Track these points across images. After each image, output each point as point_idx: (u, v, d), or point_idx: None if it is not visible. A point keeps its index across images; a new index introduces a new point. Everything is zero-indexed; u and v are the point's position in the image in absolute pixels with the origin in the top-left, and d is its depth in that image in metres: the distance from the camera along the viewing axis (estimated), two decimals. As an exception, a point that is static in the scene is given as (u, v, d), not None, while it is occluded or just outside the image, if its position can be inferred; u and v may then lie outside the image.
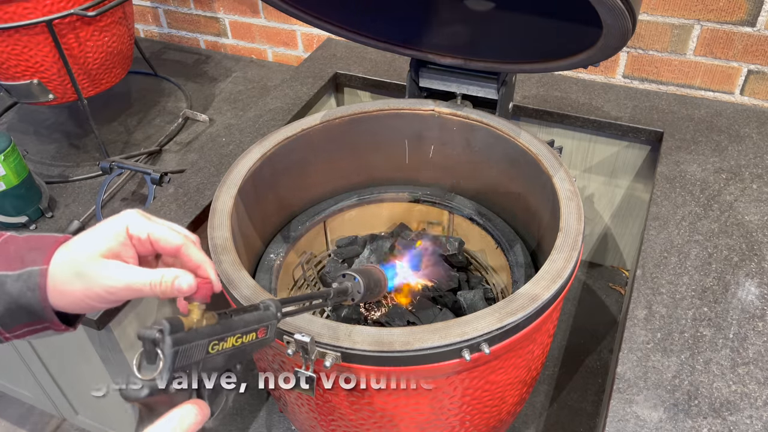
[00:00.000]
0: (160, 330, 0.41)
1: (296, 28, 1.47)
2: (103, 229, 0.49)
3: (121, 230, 0.48)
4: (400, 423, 0.75)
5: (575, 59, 0.80)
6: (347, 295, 0.63)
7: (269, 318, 0.50)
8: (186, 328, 0.43)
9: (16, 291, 0.47)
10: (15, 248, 0.49)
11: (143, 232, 0.49)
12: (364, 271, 0.65)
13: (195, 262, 0.50)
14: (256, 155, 0.91)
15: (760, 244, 0.87)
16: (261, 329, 0.49)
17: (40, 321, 0.49)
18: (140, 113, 1.36)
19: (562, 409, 1.08)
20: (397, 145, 1.04)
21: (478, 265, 1.09)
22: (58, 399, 1.31)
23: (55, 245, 0.48)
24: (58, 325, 0.50)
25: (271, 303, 0.51)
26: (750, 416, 0.68)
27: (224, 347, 0.46)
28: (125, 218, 0.49)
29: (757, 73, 1.12)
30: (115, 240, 0.48)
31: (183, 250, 0.50)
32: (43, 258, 0.47)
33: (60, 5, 1.03)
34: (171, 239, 0.49)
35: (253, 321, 0.48)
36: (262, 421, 1.05)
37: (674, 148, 1.06)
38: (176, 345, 0.41)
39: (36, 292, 0.47)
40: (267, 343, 0.50)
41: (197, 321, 0.44)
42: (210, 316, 0.45)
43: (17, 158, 1.00)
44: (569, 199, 0.80)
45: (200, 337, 0.43)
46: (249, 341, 0.48)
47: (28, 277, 0.47)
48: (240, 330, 0.47)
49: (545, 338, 0.81)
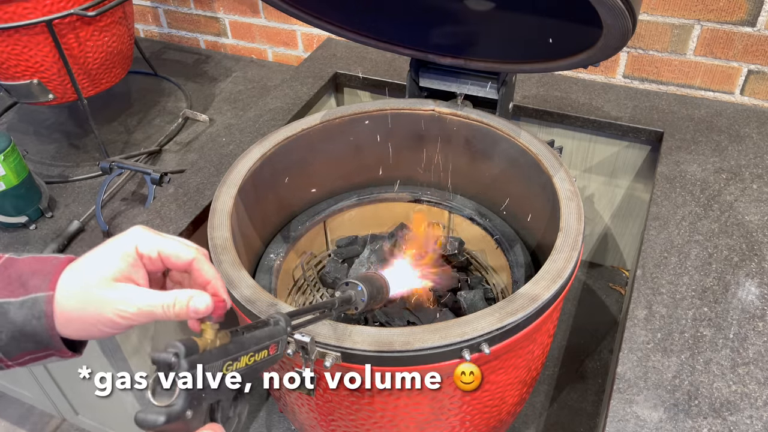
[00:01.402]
0: (176, 354, 0.40)
1: (296, 28, 1.47)
2: (111, 250, 0.46)
3: (130, 250, 0.46)
4: (400, 423, 0.75)
5: (575, 59, 0.80)
6: (351, 304, 0.64)
7: (279, 333, 0.49)
8: (200, 349, 0.41)
9: (21, 319, 0.44)
10: (16, 272, 0.46)
11: (153, 249, 0.47)
12: (366, 279, 0.65)
13: (206, 278, 0.48)
14: (256, 155, 0.91)
15: (760, 244, 0.87)
16: (272, 346, 0.48)
17: (46, 349, 0.46)
18: (140, 113, 1.36)
19: (562, 409, 1.08)
20: (397, 145, 1.04)
21: (478, 265, 1.09)
22: (58, 399, 1.31)
23: (59, 268, 0.46)
24: (64, 353, 0.47)
25: (280, 318, 0.50)
26: (750, 416, 0.68)
27: (238, 367, 0.44)
28: (134, 237, 0.47)
29: (757, 73, 1.12)
30: (124, 261, 0.46)
31: (195, 264, 0.48)
32: (48, 284, 0.45)
33: (60, 5, 1.03)
34: (182, 254, 0.48)
35: (264, 337, 0.47)
36: (262, 421, 1.05)
37: (674, 148, 1.06)
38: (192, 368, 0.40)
39: (42, 320, 0.44)
40: (277, 360, 0.49)
41: (211, 341, 0.43)
42: (223, 335, 0.44)
43: (17, 158, 1.00)
44: (569, 199, 0.80)
45: (215, 359, 0.42)
46: (261, 359, 0.47)
47: (33, 305, 0.44)
48: (252, 348, 0.46)
49: (545, 338, 0.81)
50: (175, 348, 0.40)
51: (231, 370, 0.44)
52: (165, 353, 0.40)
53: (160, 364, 0.40)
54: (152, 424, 0.39)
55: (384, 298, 0.68)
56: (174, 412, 0.39)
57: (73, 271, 0.46)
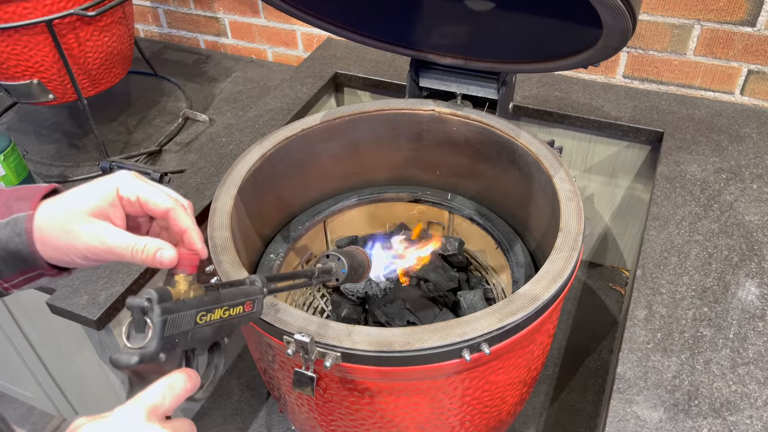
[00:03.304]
0: (149, 299, 0.42)
1: (296, 28, 1.47)
2: (93, 188, 0.49)
3: (111, 190, 0.49)
4: (400, 423, 0.75)
5: (575, 59, 0.80)
6: (331, 275, 0.64)
7: (255, 293, 0.51)
8: (174, 298, 0.44)
9: (5, 237, 0.48)
10: (3, 199, 0.49)
11: (133, 194, 0.49)
12: (347, 252, 0.66)
13: (182, 227, 0.50)
14: (256, 155, 0.91)
15: (760, 244, 0.87)
16: (248, 303, 0.50)
17: (33, 268, 0.50)
18: (140, 113, 1.36)
19: (562, 409, 1.08)
20: (398, 145, 1.04)
21: (478, 265, 1.09)
22: (58, 399, 1.31)
23: (40, 193, 0.49)
24: (49, 270, 0.50)
25: (257, 278, 0.52)
26: (750, 416, 0.68)
27: (212, 318, 0.47)
28: (117, 179, 0.50)
29: (757, 73, 1.12)
30: (103, 200, 0.49)
31: (171, 213, 0.50)
32: (29, 205, 0.48)
33: (60, 5, 1.03)
34: (160, 202, 0.50)
35: (240, 294, 0.50)
36: (262, 421, 1.06)
37: (674, 148, 1.06)
38: (165, 314, 0.42)
39: (23, 237, 0.47)
40: (254, 318, 0.52)
41: (185, 292, 0.45)
42: (197, 288, 0.46)
43: (17, 158, 1.00)
44: (569, 199, 0.80)
45: (188, 308, 0.44)
46: (236, 314, 0.49)
47: (15, 223, 0.48)
48: (227, 302, 0.48)
49: (545, 338, 0.81)
50: (149, 294, 0.42)
51: (204, 321, 0.46)
52: (139, 299, 0.42)
53: (134, 309, 0.42)
54: (125, 363, 0.41)
55: (365, 273, 0.69)
56: (147, 354, 0.41)
57: (54, 200, 0.49)
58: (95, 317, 0.83)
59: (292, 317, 0.67)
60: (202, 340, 0.47)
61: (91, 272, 0.89)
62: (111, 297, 0.85)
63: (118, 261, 0.48)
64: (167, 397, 0.42)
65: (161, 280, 0.91)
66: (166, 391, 0.42)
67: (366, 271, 0.69)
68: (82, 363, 1.09)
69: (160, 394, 0.42)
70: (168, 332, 0.42)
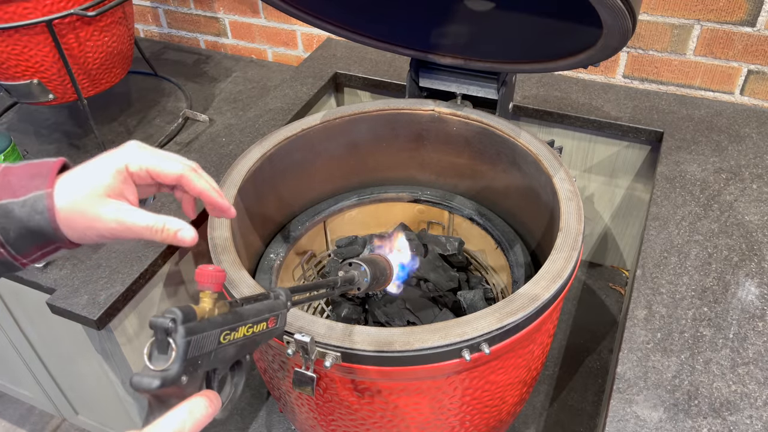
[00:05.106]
0: (173, 319, 0.40)
1: (296, 28, 1.47)
2: (104, 166, 0.49)
3: (121, 167, 0.49)
4: (400, 423, 0.75)
5: (575, 59, 0.80)
6: (354, 284, 0.62)
7: (279, 307, 0.50)
8: (198, 317, 0.42)
9: (25, 215, 0.48)
10: (15, 178, 0.49)
11: (142, 168, 0.50)
12: (370, 260, 0.64)
13: (197, 190, 0.51)
14: (256, 155, 0.91)
15: (760, 244, 0.87)
16: (271, 318, 0.49)
17: (52, 242, 0.50)
18: (140, 113, 1.36)
19: (562, 409, 1.08)
20: (397, 145, 1.04)
21: (478, 265, 1.09)
22: (58, 399, 1.31)
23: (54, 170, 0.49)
24: (69, 244, 0.50)
25: (281, 291, 0.51)
26: (750, 416, 0.68)
27: (235, 337, 0.45)
28: (125, 154, 0.50)
29: (757, 73, 1.12)
30: (116, 178, 0.49)
31: (183, 180, 0.50)
32: (46, 183, 0.48)
33: (60, 5, 1.03)
34: (169, 170, 0.50)
35: (264, 310, 0.48)
36: (262, 421, 1.06)
37: (674, 148, 1.06)
38: (189, 335, 0.40)
39: (45, 214, 0.47)
40: (276, 333, 0.50)
41: (209, 310, 0.43)
42: (222, 305, 0.44)
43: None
44: (569, 199, 0.80)
45: (212, 327, 0.42)
46: (260, 331, 0.48)
47: (35, 202, 0.48)
48: (251, 320, 0.46)
49: (545, 338, 0.81)
50: (173, 314, 0.40)
51: (228, 339, 0.44)
52: (162, 318, 0.40)
53: (158, 329, 0.40)
54: (147, 387, 0.39)
55: (387, 281, 0.67)
56: (169, 377, 0.39)
57: (69, 179, 0.49)
58: (95, 317, 0.83)
59: (292, 317, 0.67)
60: (224, 360, 0.45)
61: (91, 272, 0.89)
62: (111, 297, 0.85)
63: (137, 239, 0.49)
64: (187, 423, 0.40)
65: (161, 280, 0.92)
66: (186, 417, 0.41)
67: (388, 279, 0.67)
68: (82, 363, 1.09)
69: (180, 421, 0.40)
70: (191, 354, 0.40)
